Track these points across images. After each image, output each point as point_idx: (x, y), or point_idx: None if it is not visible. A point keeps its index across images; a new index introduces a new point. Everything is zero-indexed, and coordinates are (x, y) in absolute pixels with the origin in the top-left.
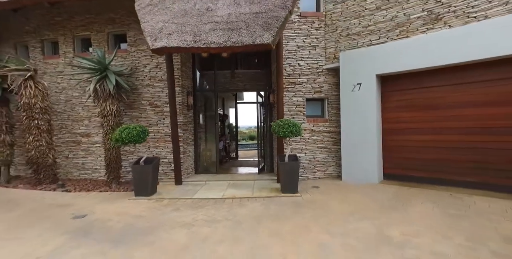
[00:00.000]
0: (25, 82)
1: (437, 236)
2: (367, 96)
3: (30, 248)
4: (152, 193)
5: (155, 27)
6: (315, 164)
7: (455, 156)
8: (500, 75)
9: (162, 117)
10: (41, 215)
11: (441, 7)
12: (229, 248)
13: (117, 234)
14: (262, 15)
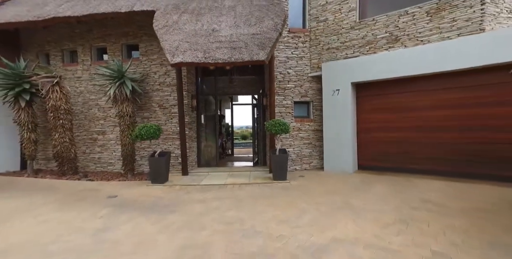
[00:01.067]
0: (52, 87)
1: (383, 203)
2: (345, 100)
3: (89, 213)
4: (165, 181)
5: (172, 45)
6: (301, 158)
7: (413, 149)
8: (443, 86)
9: (170, 117)
10: (80, 196)
11: (399, 31)
12: (235, 213)
13: (147, 207)
14: (258, 36)
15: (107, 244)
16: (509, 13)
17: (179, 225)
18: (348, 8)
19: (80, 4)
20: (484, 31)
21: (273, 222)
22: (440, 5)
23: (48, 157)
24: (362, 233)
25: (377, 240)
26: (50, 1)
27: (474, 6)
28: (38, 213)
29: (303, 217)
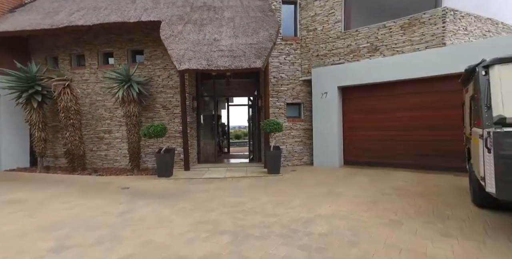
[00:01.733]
0: (63, 89)
1: (360, 190)
2: (332, 102)
3: (110, 201)
4: (170, 175)
5: (179, 53)
6: (293, 154)
7: (391, 146)
8: (414, 90)
9: (173, 117)
10: (96, 187)
11: (378, 42)
12: (236, 199)
13: (159, 195)
14: (255, 45)
15: (134, 222)
16: (465, 31)
17: (190, 208)
18: (334, 19)
19: (90, 13)
20: (446, 45)
21: (269, 205)
22: (411, 21)
23: (56, 154)
24: (340, 211)
25: (351, 215)
26: (61, 10)
27: (437, 24)
28: (66, 200)
29: (294, 201)
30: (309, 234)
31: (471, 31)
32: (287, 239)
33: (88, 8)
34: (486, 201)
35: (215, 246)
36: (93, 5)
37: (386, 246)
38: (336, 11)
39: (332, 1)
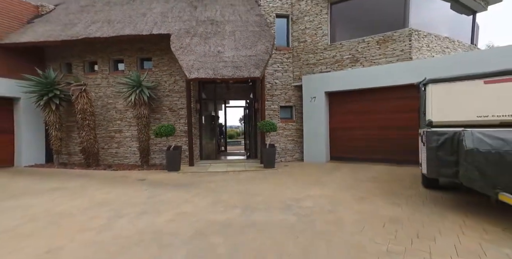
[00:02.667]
0: (80, 93)
1: (342, 179)
2: (320, 105)
3: (134, 189)
4: (178, 169)
5: (188, 64)
6: (286, 151)
7: (372, 143)
8: (391, 95)
9: (178, 118)
10: (117, 180)
11: (359, 54)
12: (241, 187)
13: (174, 185)
14: (253, 57)
15: (162, 202)
16: (428, 47)
17: (204, 193)
18: (321, 33)
19: (105, 26)
20: (412, 59)
21: (267, 190)
22: (385, 37)
23: (70, 152)
24: (324, 193)
25: (331, 195)
26: (77, 22)
27: (405, 41)
28: (98, 188)
29: (288, 187)
30: (299, 207)
31: (432, 48)
32: (284, 210)
33: (102, 21)
34: (430, 183)
35: (230, 215)
36: (107, 18)
37: (353, 212)
38: (323, 26)
39: (319, 17)
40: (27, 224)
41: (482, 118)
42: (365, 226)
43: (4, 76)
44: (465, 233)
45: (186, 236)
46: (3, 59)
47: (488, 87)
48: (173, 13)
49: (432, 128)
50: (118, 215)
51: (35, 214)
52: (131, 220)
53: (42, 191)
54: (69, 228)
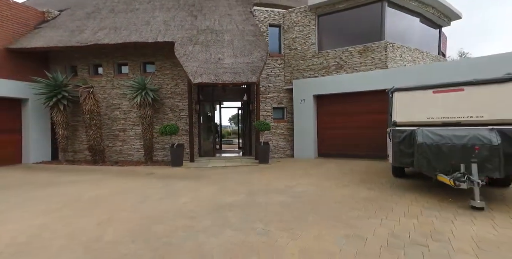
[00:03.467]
0: (88, 95)
1: (327, 171)
2: (308, 107)
3: (147, 181)
4: (181, 165)
5: (192, 70)
6: (278, 149)
7: (354, 141)
8: (370, 99)
9: (179, 118)
10: (127, 174)
11: (343, 62)
12: (241, 178)
13: (181, 177)
14: (250, 64)
15: (175, 190)
16: (401, 57)
17: (210, 183)
18: (310, 42)
19: (112, 33)
20: (387, 68)
21: (264, 180)
22: (365, 48)
23: (75, 149)
24: (312, 182)
25: (318, 183)
26: (84, 28)
27: (382, 52)
28: (114, 180)
29: (282, 178)
30: (292, 192)
31: (404, 58)
32: (280, 193)
33: (109, 27)
34: (398, 173)
35: (237, 198)
36: (113, 25)
37: (336, 195)
38: (312, 36)
39: (308, 28)
40: (69, 206)
41: (430, 119)
42: (343, 203)
43: (13, 78)
44: (413, 204)
45: (205, 212)
46: (12, 62)
47: (435, 96)
48: (175, 21)
49: (396, 127)
50: (143, 199)
51: (70, 199)
52: (156, 202)
53: (65, 183)
54: (106, 209)
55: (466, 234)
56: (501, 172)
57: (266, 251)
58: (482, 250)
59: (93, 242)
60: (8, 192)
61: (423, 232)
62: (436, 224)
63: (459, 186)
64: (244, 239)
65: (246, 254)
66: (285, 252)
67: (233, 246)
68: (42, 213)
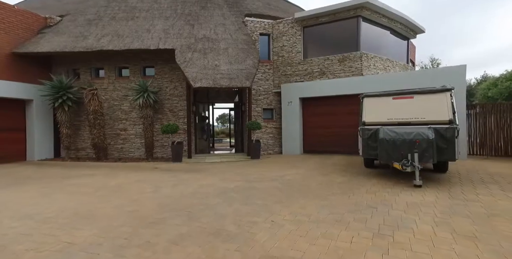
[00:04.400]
0: (93, 96)
1: (311, 165)
2: (295, 108)
3: (155, 173)
4: (181, 160)
5: (192, 75)
6: (268, 146)
7: (334, 139)
8: (348, 102)
9: (177, 118)
10: (134, 168)
11: (325, 69)
12: (237, 170)
13: (184, 171)
14: (244, 70)
15: (183, 180)
16: (374, 66)
17: (212, 174)
18: (296, 50)
19: (115, 39)
20: (363, 75)
21: (258, 172)
22: (344, 57)
23: (77, 147)
24: (298, 172)
25: (303, 173)
26: (87, 34)
27: (358, 61)
28: (125, 173)
29: (272, 170)
30: (282, 179)
31: (377, 66)
32: (272, 181)
33: (112, 34)
34: (368, 164)
35: (237, 184)
36: (115, 31)
37: (317, 181)
38: (298, 45)
39: (294, 38)
40: (101, 191)
41: (389, 120)
42: (322, 186)
43: (18, 80)
44: (374, 185)
45: (214, 194)
46: (17, 65)
47: (394, 101)
48: (174, 30)
49: (365, 126)
50: (158, 186)
51: (99, 186)
52: (171, 188)
53: (80, 175)
54: (132, 192)
55: (403, 201)
56: (434, 159)
57: (265, 214)
58: (409, 208)
59: (135, 211)
60: (39, 182)
61: (376, 201)
62: (386, 197)
63: (405, 170)
64: (248, 208)
65: (251, 215)
66: (279, 214)
67: (241, 212)
68: (84, 195)
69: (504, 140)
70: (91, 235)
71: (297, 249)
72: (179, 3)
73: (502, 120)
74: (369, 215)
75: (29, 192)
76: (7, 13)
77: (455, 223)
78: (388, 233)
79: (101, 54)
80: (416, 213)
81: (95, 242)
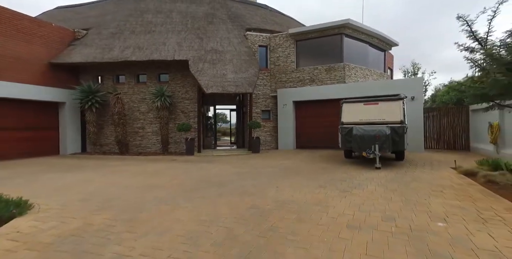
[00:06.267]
0: (117, 100)
1: (303, 157)
2: (289, 110)
3: (174, 163)
4: (193, 154)
5: (205, 82)
6: (266, 142)
7: (322, 136)
8: (333, 105)
9: (188, 118)
10: (155, 160)
11: (314, 76)
12: (242, 161)
13: (198, 162)
14: (247, 79)
15: (203, 167)
16: (355, 75)
17: (223, 164)
18: (290, 61)
19: (137, 51)
20: (346, 82)
21: (260, 162)
22: (330, 67)
23: (101, 143)
24: (292, 162)
25: (296, 163)
26: (112, 46)
27: (341, 71)
28: (152, 163)
29: (271, 160)
30: (280, 166)
31: (358, 75)
32: (272, 167)
33: (133, 46)
34: (347, 155)
35: (247, 170)
36: (136, 44)
37: (307, 167)
38: (291, 56)
39: (289, 49)
40: (143, 174)
41: (360, 120)
42: (311, 170)
43: (53, 86)
44: (349, 169)
45: (230, 174)
46: (51, 72)
47: (364, 106)
48: (186, 43)
49: (343, 125)
50: (186, 171)
51: (139, 171)
52: (196, 172)
53: (117, 165)
54: (168, 175)
55: (364, 176)
56: (390, 150)
57: (271, 184)
58: (366, 179)
59: (181, 184)
60: (90, 169)
61: (346, 177)
62: (353, 174)
63: (369, 156)
64: (259, 181)
65: (262, 185)
66: (281, 184)
67: (254, 183)
68: (131, 177)
69: (453, 137)
70: (165, 194)
71: (294, 198)
72: (189, 18)
73: (452, 121)
74: (339, 183)
75: (91, 174)
76: (47, 30)
77: (389, 185)
78: (349, 190)
79: (122, 63)
80: (369, 181)
81: (170, 196)
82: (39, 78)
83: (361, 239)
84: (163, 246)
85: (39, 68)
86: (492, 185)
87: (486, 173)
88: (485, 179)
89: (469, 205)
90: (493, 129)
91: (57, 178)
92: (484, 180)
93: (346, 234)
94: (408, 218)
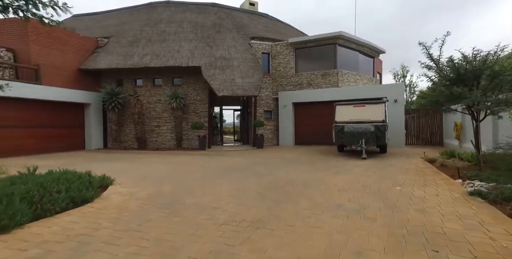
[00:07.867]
0: (137, 101)
1: (301, 151)
2: (289, 110)
3: (192, 156)
4: (205, 149)
5: (216, 86)
6: (268, 139)
7: (318, 134)
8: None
9: (199, 118)
10: (173, 154)
11: (311, 81)
12: (249, 155)
13: (211, 155)
14: (253, 83)
15: (219, 159)
16: (347, 79)
17: (234, 156)
18: (290, 67)
19: (154, 58)
20: (339, 86)
21: (264, 155)
22: (325, 73)
23: (121, 140)
24: (292, 155)
25: (295, 156)
26: (132, 54)
27: (335, 76)
28: (173, 156)
29: (274, 154)
30: (283, 158)
31: (349, 80)
32: (277, 158)
33: (151, 54)
34: (340, 149)
35: (257, 160)
36: (154, 51)
37: (305, 158)
38: (291, 62)
39: (288, 56)
40: (171, 164)
41: (351, 120)
42: (309, 160)
43: (80, 89)
44: (340, 160)
45: (245, 164)
46: (79, 77)
47: (354, 108)
48: (197, 50)
49: (336, 124)
50: (207, 161)
51: (166, 162)
52: (216, 163)
53: (142, 157)
54: (193, 164)
55: (352, 164)
56: (374, 144)
57: (279, 169)
58: (354, 166)
59: (208, 170)
60: (121, 160)
61: (339, 164)
62: (344, 163)
63: (357, 149)
64: (268, 168)
65: (272, 170)
66: (287, 169)
67: (266, 168)
68: (164, 165)
69: (430, 134)
70: (200, 176)
71: (299, 177)
72: (199, 27)
73: (429, 120)
74: (333, 168)
75: (130, 164)
76: (76, 39)
77: (370, 169)
78: (341, 173)
79: (141, 68)
80: (356, 167)
81: (205, 177)
82: (69, 82)
83: (347, 195)
84: (219, 199)
85: (69, 74)
86: (443, 168)
87: (442, 160)
88: (440, 164)
89: (421, 178)
90: (457, 127)
91: (104, 166)
92: (439, 164)
93: (337, 193)
94: (378, 186)
